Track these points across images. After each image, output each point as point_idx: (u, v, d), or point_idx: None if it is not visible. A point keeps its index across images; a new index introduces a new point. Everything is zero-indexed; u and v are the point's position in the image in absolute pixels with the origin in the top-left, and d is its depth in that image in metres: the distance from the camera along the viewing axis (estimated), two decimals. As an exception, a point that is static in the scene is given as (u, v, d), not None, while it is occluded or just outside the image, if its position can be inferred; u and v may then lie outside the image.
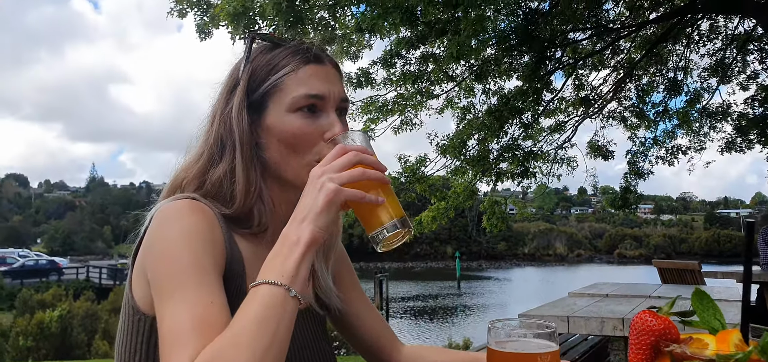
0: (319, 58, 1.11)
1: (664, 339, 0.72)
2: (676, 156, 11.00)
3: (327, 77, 1.10)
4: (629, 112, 10.88)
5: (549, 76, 9.51)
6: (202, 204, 1.03)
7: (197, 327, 0.87)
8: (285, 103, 1.08)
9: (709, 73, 10.64)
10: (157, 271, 0.96)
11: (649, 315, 0.74)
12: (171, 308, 0.90)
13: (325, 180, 0.93)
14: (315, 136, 1.07)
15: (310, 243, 0.91)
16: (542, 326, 0.95)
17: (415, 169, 9.63)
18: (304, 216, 0.93)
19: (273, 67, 1.09)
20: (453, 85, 9.43)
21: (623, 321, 2.93)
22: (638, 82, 10.65)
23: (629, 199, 10.93)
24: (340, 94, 1.12)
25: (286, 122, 1.07)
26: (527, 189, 10.76)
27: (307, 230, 0.91)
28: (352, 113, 9.38)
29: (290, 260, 0.90)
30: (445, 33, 7.79)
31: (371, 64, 8.96)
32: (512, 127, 9.58)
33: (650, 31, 9.86)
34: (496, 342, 0.94)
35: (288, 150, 1.08)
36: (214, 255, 0.99)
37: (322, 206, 0.92)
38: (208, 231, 0.99)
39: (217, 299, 0.92)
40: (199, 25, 7.78)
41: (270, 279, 0.88)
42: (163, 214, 1.00)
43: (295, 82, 1.08)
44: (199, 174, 1.10)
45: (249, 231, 1.10)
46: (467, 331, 16.19)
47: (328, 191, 0.92)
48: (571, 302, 3.79)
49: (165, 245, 0.97)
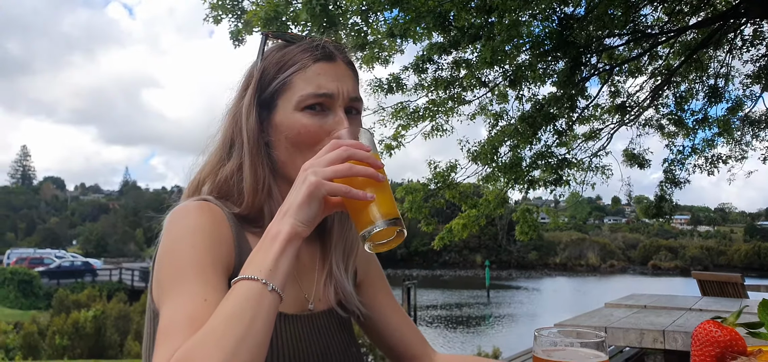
0: (330, 55, 1.10)
1: (730, 350, 0.67)
2: (715, 165, 10.71)
3: (336, 75, 1.09)
4: (667, 120, 10.65)
5: (584, 83, 9.35)
6: (211, 205, 1.04)
7: (187, 323, 0.87)
8: (293, 101, 1.07)
9: (752, 79, 10.33)
10: (160, 269, 0.98)
11: (713, 325, 0.69)
12: (167, 304, 0.92)
13: (310, 173, 0.92)
14: (321, 135, 1.06)
15: (289, 237, 0.90)
16: (591, 334, 0.91)
17: (445, 175, 9.57)
18: (286, 210, 0.92)
19: (283, 65, 1.09)
20: (485, 90, 9.35)
21: (664, 333, 2.83)
22: (677, 88, 10.41)
23: (664, 208, 10.68)
24: (351, 92, 1.10)
25: (293, 120, 1.07)
26: (560, 197, 10.59)
27: (288, 224, 0.91)
28: (383, 119, 9.38)
29: (269, 254, 0.89)
30: (479, 38, 7.74)
31: (403, 69, 8.96)
32: (546, 133, 9.45)
33: (690, 36, 9.63)
34: (543, 350, 0.91)
35: (294, 148, 1.08)
36: (219, 253, 0.99)
37: (303, 199, 0.91)
38: (212, 229, 1.00)
39: (212, 297, 0.92)
40: (233, 32, 7.89)
41: (248, 274, 0.88)
42: (172, 217, 1.01)
43: (303, 80, 1.07)
44: (213, 174, 1.11)
45: (261, 229, 1.08)
46: (497, 341, 16.01)
47: (310, 184, 0.91)
48: (607, 313, 3.69)
49: (168, 244, 0.99)
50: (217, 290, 0.95)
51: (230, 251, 1.02)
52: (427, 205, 9.35)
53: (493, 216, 10.28)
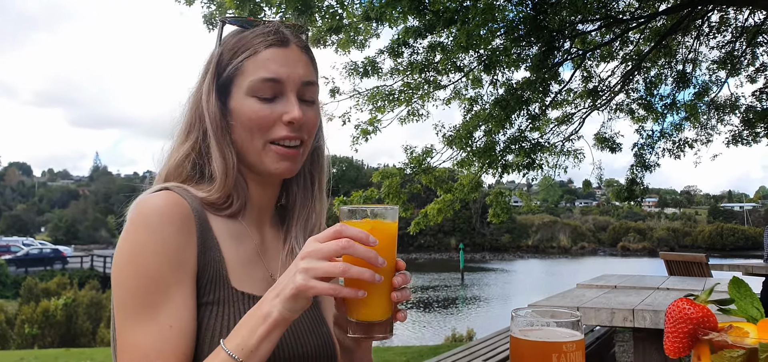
0: (283, 40, 1.10)
1: (702, 327, 0.70)
2: (682, 149, 10.97)
3: (287, 60, 1.09)
4: (637, 105, 10.83)
5: (557, 67, 9.45)
6: (175, 197, 1.03)
7: (155, 357, 0.93)
8: (244, 86, 1.08)
9: (718, 65, 10.57)
10: (125, 280, 0.98)
11: (686, 303, 0.72)
12: (132, 329, 0.95)
13: (301, 268, 0.89)
14: (271, 120, 1.07)
15: (276, 322, 0.91)
16: (567, 314, 0.93)
17: (421, 159, 9.60)
18: (278, 292, 0.92)
19: (236, 51, 1.10)
20: (461, 75, 9.38)
21: (633, 312, 2.91)
22: (647, 74, 10.58)
23: (635, 192, 10.90)
24: (303, 76, 1.10)
25: (245, 106, 1.08)
26: (533, 181, 10.73)
27: (277, 310, 0.91)
28: (359, 103, 9.33)
29: (255, 335, 0.91)
30: (454, 22, 7.74)
31: (378, 53, 8.92)
32: (519, 118, 9.53)
33: (660, 22, 9.78)
34: (520, 330, 0.92)
35: (248, 133, 1.09)
36: (184, 260, 1.00)
37: (290, 295, 0.90)
38: (178, 234, 1.00)
39: (177, 321, 0.96)
40: (206, 16, 7.74)
41: (232, 350, 0.91)
42: (137, 211, 1.00)
43: (253, 65, 1.08)
44: (178, 161, 1.12)
45: (227, 213, 1.11)
46: (471, 322, 16.21)
47: (297, 284, 0.89)
48: (579, 293, 3.78)
49: (131, 249, 0.98)
50: (183, 307, 0.98)
51: (193, 253, 1.02)
52: (405, 191, 9.39)
53: (467, 200, 10.38)
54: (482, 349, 5.08)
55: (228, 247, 1.08)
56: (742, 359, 0.64)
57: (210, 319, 1.02)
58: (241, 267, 1.09)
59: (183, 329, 0.97)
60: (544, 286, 27.55)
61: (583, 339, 0.91)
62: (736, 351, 0.64)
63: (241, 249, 1.11)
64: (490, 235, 67.90)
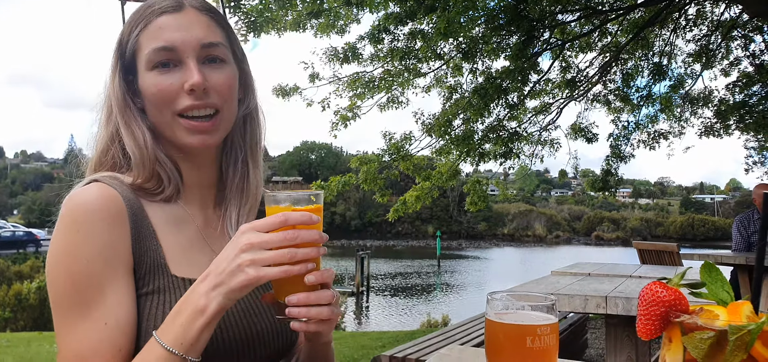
0: (177, 5, 1.06)
1: (674, 309, 0.71)
2: (657, 140, 11.13)
3: (180, 25, 1.04)
4: (614, 96, 10.95)
5: (536, 57, 9.49)
6: (105, 188, 1.00)
7: (91, 357, 0.92)
8: (143, 61, 1.05)
9: (693, 58, 10.74)
10: (56, 278, 0.96)
11: (659, 286, 0.73)
12: (68, 329, 0.94)
13: (248, 259, 0.87)
14: (173, 91, 1.03)
15: (216, 314, 0.89)
16: (541, 298, 0.94)
17: (399, 146, 9.60)
18: (217, 284, 0.89)
19: (133, 27, 1.06)
20: (441, 63, 9.37)
21: (606, 299, 2.96)
22: (624, 65, 10.70)
23: (610, 182, 11.04)
24: (202, 38, 1.05)
25: (147, 81, 1.04)
26: (509, 170, 10.81)
27: (216, 302, 0.88)
28: (338, 90, 9.27)
29: (192, 328, 0.89)
30: (435, 9, 7.72)
31: (359, 39, 8.86)
32: (498, 107, 9.57)
33: (638, 14, 9.88)
34: (495, 313, 0.93)
35: (156, 110, 1.05)
36: (117, 255, 0.97)
37: (238, 287, 0.88)
38: (110, 230, 0.97)
39: (112, 317, 0.94)
40: None
41: (168, 344, 0.89)
42: (67, 208, 0.98)
43: (147, 37, 1.04)
44: (105, 148, 1.09)
45: (162, 197, 1.08)
46: (446, 308, 16.34)
47: (250, 277, 0.87)
48: (554, 280, 3.82)
49: (63, 248, 0.96)
50: (118, 303, 0.95)
51: (127, 245, 0.99)
52: (382, 177, 9.37)
53: (445, 188, 10.41)
54: (458, 334, 5.12)
55: (166, 234, 1.05)
56: (712, 341, 0.65)
57: (150, 309, 0.99)
58: (181, 252, 1.06)
59: (120, 324, 0.95)
60: (519, 274, 27.90)
61: (557, 323, 0.92)
62: (707, 333, 0.65)
63: (181, 234, 1.08)
64: (466, 223, 68.46)
